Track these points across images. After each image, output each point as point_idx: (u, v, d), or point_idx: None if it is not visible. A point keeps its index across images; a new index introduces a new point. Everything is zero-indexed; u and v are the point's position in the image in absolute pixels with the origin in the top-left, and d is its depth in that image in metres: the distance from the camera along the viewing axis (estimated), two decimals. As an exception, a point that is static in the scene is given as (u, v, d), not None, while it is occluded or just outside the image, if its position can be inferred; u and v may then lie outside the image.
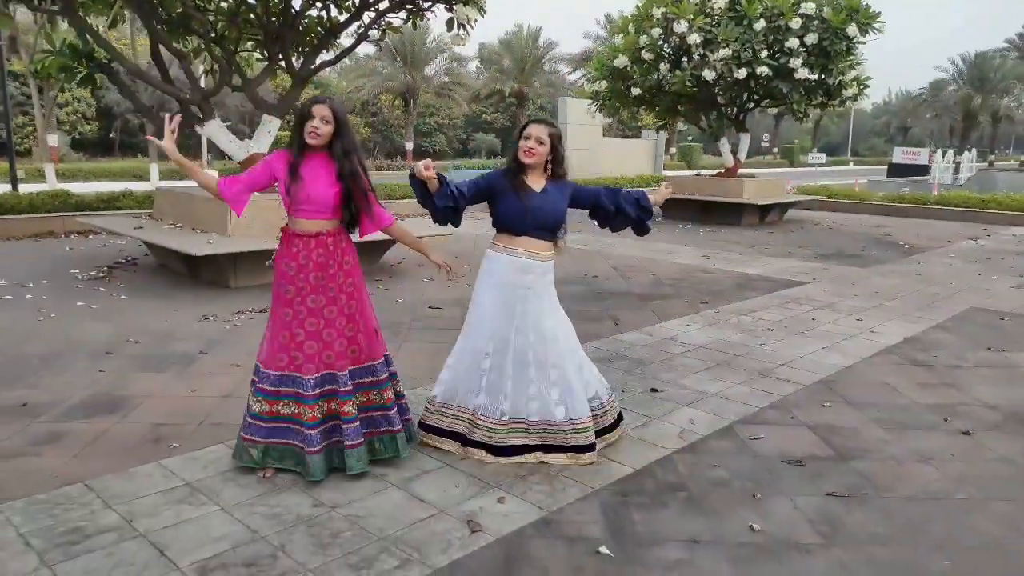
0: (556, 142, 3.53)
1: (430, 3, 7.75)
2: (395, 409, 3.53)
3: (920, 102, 66.14)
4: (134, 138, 37.91)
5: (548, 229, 3.56)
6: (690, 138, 47.86)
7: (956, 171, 31.83)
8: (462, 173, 28.18)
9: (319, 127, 3.21)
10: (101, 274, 7.72)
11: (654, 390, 4.64)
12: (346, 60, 8.59)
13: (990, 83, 55.94)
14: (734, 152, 15.04)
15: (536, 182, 3.54)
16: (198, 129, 7.84)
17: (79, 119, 34.96)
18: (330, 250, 3.32)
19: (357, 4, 7.97)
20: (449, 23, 7.76)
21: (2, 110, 13.35)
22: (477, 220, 10.23)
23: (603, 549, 2.84)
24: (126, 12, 9.19)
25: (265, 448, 3.35)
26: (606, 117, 16.73)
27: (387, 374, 3.53)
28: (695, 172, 23.70)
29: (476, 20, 7.55)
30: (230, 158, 8.04)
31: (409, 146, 40.91)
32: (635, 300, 7.31)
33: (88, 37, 7.42)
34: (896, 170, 38.02)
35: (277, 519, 3.00)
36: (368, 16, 8.14)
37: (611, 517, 3.10)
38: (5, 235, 10.19)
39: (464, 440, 3.65)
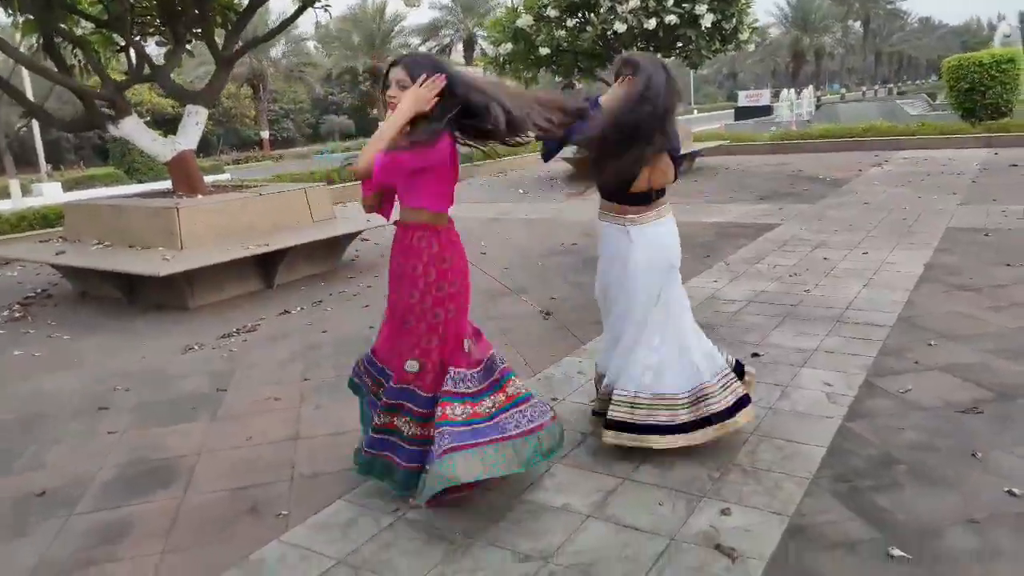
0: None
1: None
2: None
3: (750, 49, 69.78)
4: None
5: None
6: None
7: (794, 108, 33.82)
8: (329, 158, 26.51)
9: (396, 96, 2.71)
10: (17, 314, 6.41)
11: (755, 355, 4.28)
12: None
13: (812, 24, 59.80)
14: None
15: None
16: (111, 129, 6.62)
17: None
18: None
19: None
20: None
21: None
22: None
23: (895, 551, 2.42)
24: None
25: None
26: (510, 81, 16.20)
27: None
28: None
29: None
30: (161, 160, 6.86)
31: (265, 135, 38.57)
32: (636, 263, 6.90)
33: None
34: (742, 113, 39.81)
35: (494, 588, 2.38)
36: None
37: (858, 510, 2.68)
38: None
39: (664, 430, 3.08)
